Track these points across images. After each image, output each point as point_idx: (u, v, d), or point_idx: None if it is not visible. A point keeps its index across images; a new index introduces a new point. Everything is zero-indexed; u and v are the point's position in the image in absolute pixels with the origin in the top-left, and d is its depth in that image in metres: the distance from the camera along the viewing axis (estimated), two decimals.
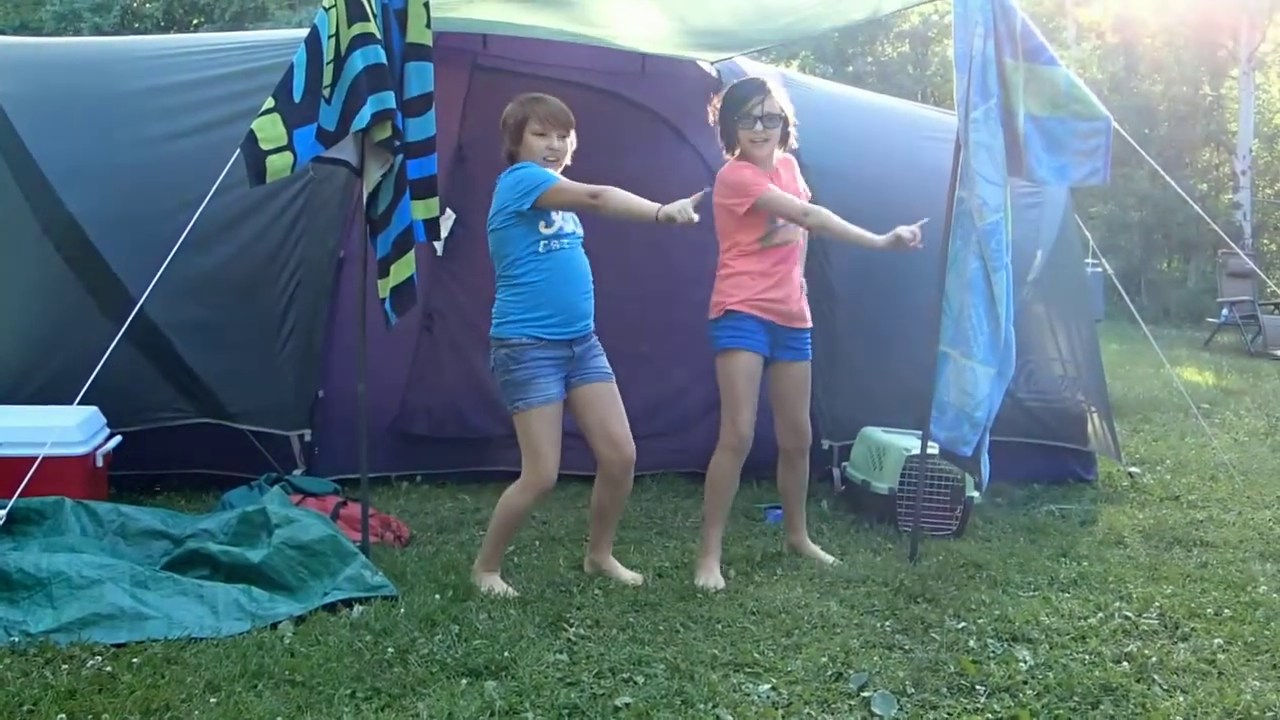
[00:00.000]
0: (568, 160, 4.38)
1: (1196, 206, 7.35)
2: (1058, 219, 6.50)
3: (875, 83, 22.32)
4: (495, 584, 4.28)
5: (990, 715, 3.37)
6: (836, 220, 4.51)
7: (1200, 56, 23.23)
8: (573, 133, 4.37)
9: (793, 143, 4.69)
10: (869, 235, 4.52)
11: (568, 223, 4.29)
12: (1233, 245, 12.14)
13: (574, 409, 4.35)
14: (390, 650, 3.61)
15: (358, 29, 4.11)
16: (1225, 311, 15.46)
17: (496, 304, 4.31)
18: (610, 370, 4.39)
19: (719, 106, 4.66)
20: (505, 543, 4.44)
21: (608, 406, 4.34)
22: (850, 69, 25.20)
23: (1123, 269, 19.78)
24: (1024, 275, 6.04)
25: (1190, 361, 13.30)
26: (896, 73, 25.32)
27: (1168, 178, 6.79)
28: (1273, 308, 15.30)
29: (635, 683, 3.48)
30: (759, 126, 4.52)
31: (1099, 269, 12.01)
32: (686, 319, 4.76)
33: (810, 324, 4.73)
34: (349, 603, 4.00)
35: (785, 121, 4.60)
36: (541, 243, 4.22)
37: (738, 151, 4.61)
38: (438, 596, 4.12)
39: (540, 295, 4.23)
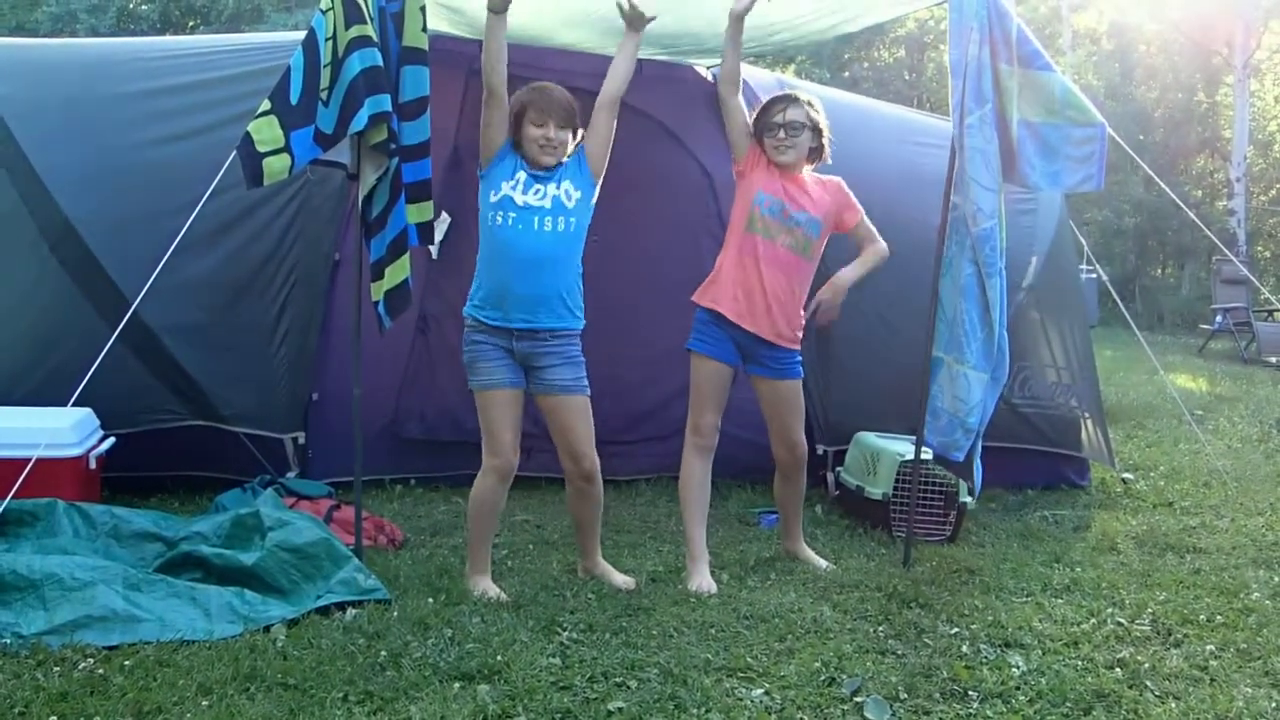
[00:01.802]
0: (556, 158, 4.27)
1: (1191, 213, 7.36)
2: (1052, 225, 6.51)
3: (871, 88, 22.39)
4: (488, 587, 4.28)
5: None
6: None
7: (1195, 63, 23.30)
8: (576, 126, 4.30)
9: (826, 158, 4.70)
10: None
11: (523, 194, 4.18)
12: (1227, 252, 12.18)
13: (543, 415, 4.36)
14: (383, 654, 3.61)
15: (355, 32, 4.10)
16: (1219, 318, 15.49)
17: None
18: (580, 382, 4.27)
19: (753, 120, 4.69)
20: (486, 538, 4.39)
21: (567, 420, 4.27)
22: (846, 74, 25.25)
23: (1117, 275, 19.84)
24: (1019, 281, 6.06)
25: (1184, 368, 13.32)
26: (892, 78, 25.39)
27: (1162, 184, 6.80)
28: (1266, 314, 15.33)
29: (628, 687, 3.48)
30: (781, 134, 4.56)
31: (1093, 275, 12.05)
32: (681, 324, 4.75)
33: (796, 345, 4.67)
34: (342, 606, 4.00)
35: (818, 134, 4.61)
36: (490, 214, 4.20)
37: None
38: (430, 600, 4.12)
39: (480, 274, 4.24)
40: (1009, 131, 4.62)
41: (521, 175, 4.21)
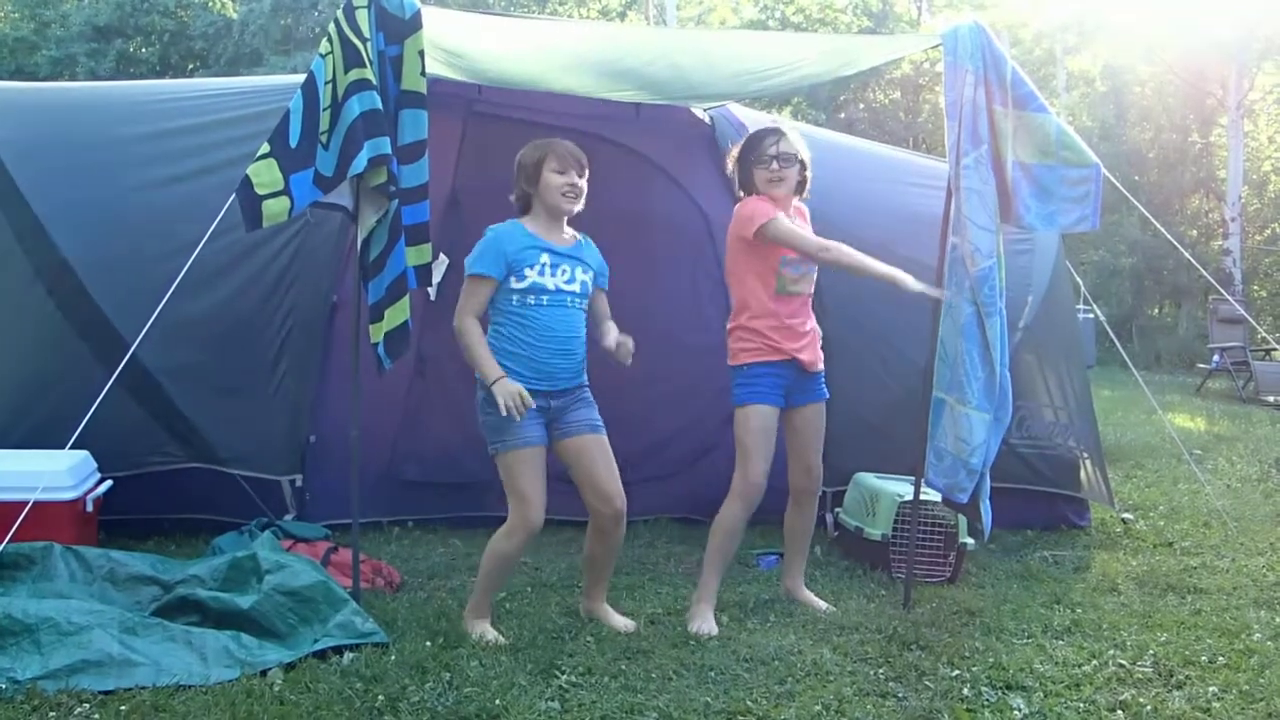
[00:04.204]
0: (580, 205, 4.35)
1: (1187, 253, 7.38)
2: (1049, 265, 6.52)
3: (867, 129, 22.49)
4: (486, 631, 4.26)
5: None
6: (856, 256, 4.46)
7: (1189, 104, 23.43)
8: (586, 174, 4.36)
9: (806, 193, 4.73)
10: (891, 272, 4.45)
11: (553, 278, 4.24)
12: (1223, 291, 12.20)
13: (563, 461, 4.34)
14: (381, 698, 3.59)
15: (354, 75, 4.13)
16: (1216, 358, 15.48)
17: None
18: (598, 421, 4.35)
19: (736, 155, 4.72)
20: (495, 589, 4.41)
21: (594, 460, 4.30)
22: (842, 115, 25.39)
23: (1114, 315, 19.85)
24: (1016, 321, 6.06)
25: (1182, 407, 13.32)
26: (888, 119, 25.50)
27: (1158, 224, 6.83)
28: (1263, 354, 15.33)
29: None
30: (775, 165, 4.58)
31: (1090, 315, 12.04)
32: (679, 366, 4.77)
33: (822, 366, 4.72)
34: (339, 650, 3.97)
35: (802, 166, 4.64)
36: (514, 297, 4.21)
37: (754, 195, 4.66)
38: (429, 644, 4.10)
39: (512, 347, 4.22)
40: (1004, 173, 4.64)
41: (545, 258, 4.25)
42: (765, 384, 4.57)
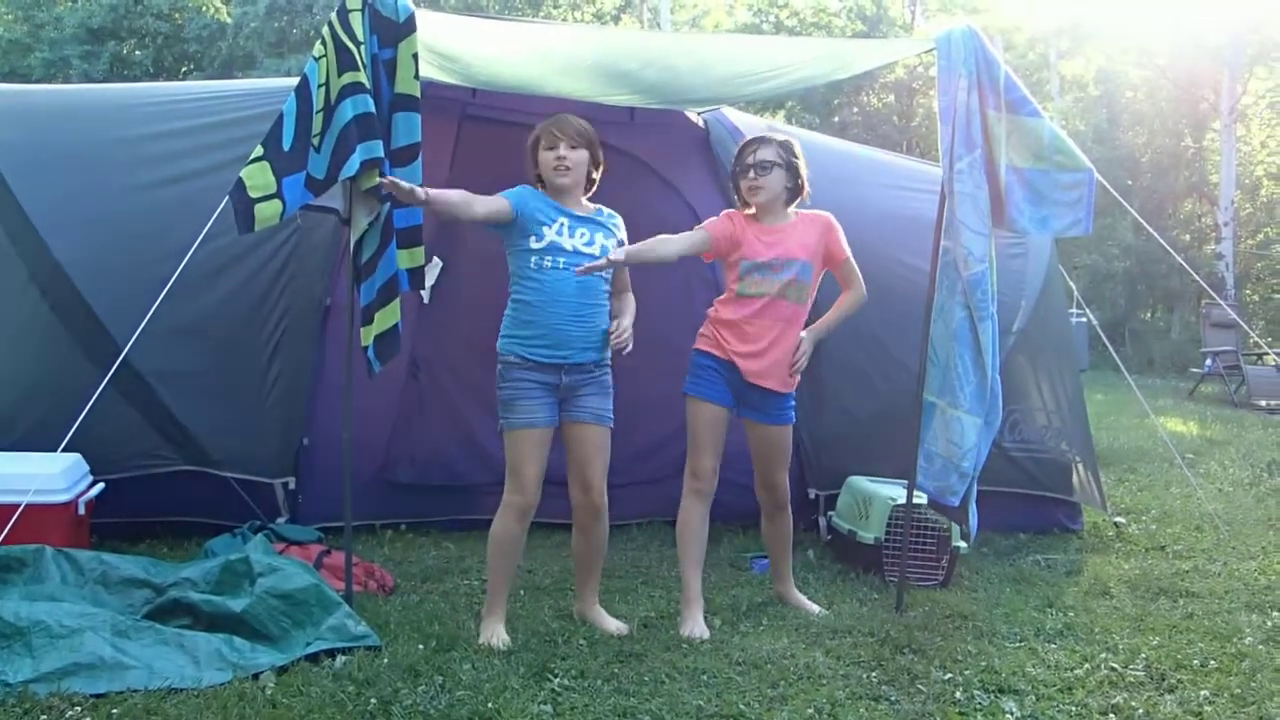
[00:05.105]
0: (596, 175, 4.42)
1: (1179, 257, 7.40)
2: (1042, 269, 6.54)
3: (860, 133, 22.52)
4: (494, 634, 4.24)
5: None
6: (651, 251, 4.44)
7: (1182, 109, 23.49)
8: (594, 150, 4.39)
9: (805, 197, 4.72)
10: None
11: (571, 239, 4.28)
12: (1215, 296, 12.20)
13: (563, 440, 4.37)
14: (373, 701, 3.58)
15: (347, 78, 4.13)
16: (1209, 362, 15.51)
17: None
18: (607, 413, 4.39)
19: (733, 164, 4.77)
20: (502, 577, 4.37)
21: (590, 450, 4.35)
22: (836, 119, 25.41)
23: (1107, 319, 19.88)
24: (1009, 325, 6.07)
25: (1174, 411, 13.34)
26: (882, 123, 25.54)
27: (1150, 229, 6.84)
28: (1256, 358, 15.36)
29: None
30: (751, 174, 4.60)
31: (1083, 319, 12.06)
32: (675, 367, 4.75)
33: (789, 390, 4.70)
34: (332, 653, 3.97)
35: (794, 173, 4.63)
36: (533, 258, 4.24)
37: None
38: (421, 646, 4.09)
39: (527, 314, 4.26)
40: (998, 177, 4.66)
41: (564, 220, 4.30)
42: (708, 377, 4.61)
